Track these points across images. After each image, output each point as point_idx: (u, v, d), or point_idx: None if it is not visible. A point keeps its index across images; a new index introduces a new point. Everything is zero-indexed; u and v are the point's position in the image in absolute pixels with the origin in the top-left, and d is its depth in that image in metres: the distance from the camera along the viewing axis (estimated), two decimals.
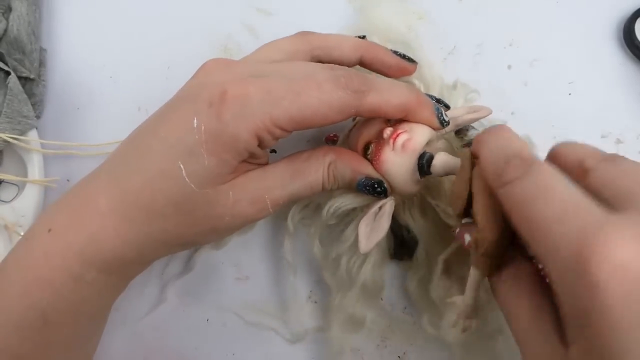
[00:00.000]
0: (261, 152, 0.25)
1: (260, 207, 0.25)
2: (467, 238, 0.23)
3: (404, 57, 0.30)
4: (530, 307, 0.20)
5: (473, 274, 0.24)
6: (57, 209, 0.25)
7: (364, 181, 0.26)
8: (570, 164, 0.21)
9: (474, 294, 0.24)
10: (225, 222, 0.25)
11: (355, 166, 0.26)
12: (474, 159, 0.24)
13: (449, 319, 0.25)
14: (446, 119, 0.27)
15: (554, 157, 0.23)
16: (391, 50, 0.30)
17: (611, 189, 0.18)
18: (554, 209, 0.17)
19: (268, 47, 0.28)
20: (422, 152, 0.26)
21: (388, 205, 0.27)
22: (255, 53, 0.28)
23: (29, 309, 0.23)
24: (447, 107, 0.29)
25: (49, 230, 0.24)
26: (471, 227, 0.23)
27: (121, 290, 0.27)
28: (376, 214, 0.27)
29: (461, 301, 0.25)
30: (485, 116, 0.29)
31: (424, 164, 0.26)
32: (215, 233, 0.26)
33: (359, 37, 0.32)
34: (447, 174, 0.26)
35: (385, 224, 0.27)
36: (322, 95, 0.23)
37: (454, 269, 0.29)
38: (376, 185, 0.26)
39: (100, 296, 0.25)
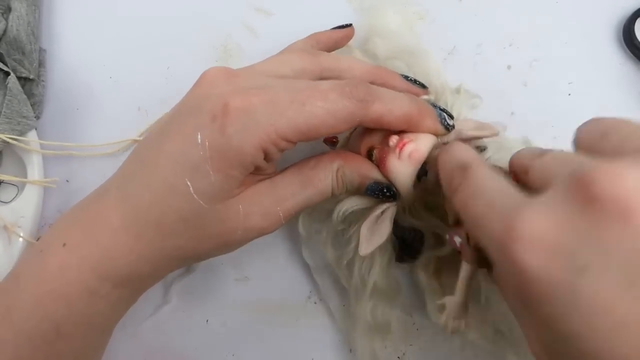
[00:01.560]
0: (267, 164, 0.25)
1: (273, 220, 0.25)
2: (458, 240, 0.24)
3: (415, 82, 0.30)
4: None
5: (464, 269, 0.24)
6: (71, 223, 0.25)
7: (372, 186, 0.26)
8: (518, 169, 0.23)
9: (465, 291, 0.24)
10: (238, 235, 0.25)
11: (363, 171, 0.26)
12: None
13: (440, 320, 0.26)
14: (450, 123, 0.27)
15: (510, 167, 0.24)
16: (402, 75, 0.30)
17: (540, 177, 0.20)
18: (484, 203, 0.19)
19: (275, 61, 0.27)
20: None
21: (390, 209, 0.27)
22: (262, 64, 0.27)
23: (43, 320, 0.23)
24: (451, 117, 0.29)
25: (64, 245, 0.24)
26: (459, 229, 0.24)
27: (133, 303, 0.27)
28: (378, 217, 0.27)
29: (451, 301, 0.25)
30: (490, 136, 0.29)
31: (422, 173, 0.26)
32: (229, 246, 0.26)
33: (345, 25, 0.31)
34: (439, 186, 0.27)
35: (386, 228, 0.27)
36: (328, 104, 0.23)
37: (445, 271, 0.30)
38: (385, 190, 0.26)
39: (113, 309, 0.25)
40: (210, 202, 0.23)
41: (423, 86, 0.30)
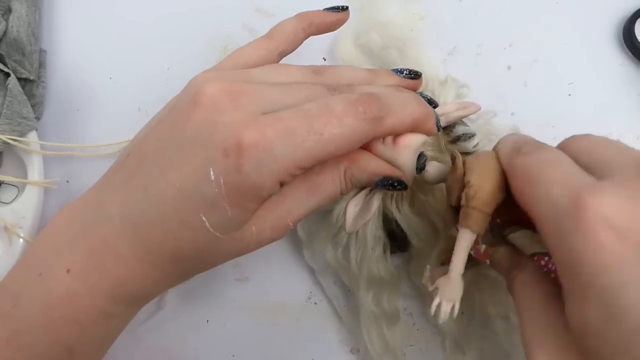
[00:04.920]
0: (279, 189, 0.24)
1: (283, 230, 0.25)
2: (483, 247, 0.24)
3: (409, 74, 0.30)
4: (540, 298, 0.22)
5: (462, 236, 0.24)
6: (70, 246, 0.24)
7: (382, 181, 0.26)
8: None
9: (462, 259, 0.24)
10: (250, 249, 0.25)
11: (371, 170, 0.26)
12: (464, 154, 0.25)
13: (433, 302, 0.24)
14: (440, 124, 0.27)
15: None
16: (396, 70, 0.30)
17: (587, 158, 0.21)
18: (558, 173, 0.20)
19: (278, 72, 0.27)
20: (420, 151, 0.27)
21: (379, 191, 0.27)
22: (264, 73, 0.26)
23: (55, 345, 0.23)
24: (437, 105, 0.29)
25: (68, 271, 0.23)
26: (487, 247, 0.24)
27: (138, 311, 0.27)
28: (366, 195, 0.27)
29: (444, 280, 0.24)
30: (474, 112, 0.29)
31: (420, 167, 0.27)
32: (240, 255, 0.26)
33: (340, 8, 0.30)
34: (438, 182, 0.27)
35: (373, 206, 0.27)
36: (344, 130, 0.23)
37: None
38: (396, 184, 0.26)
39: (125, 323, 0.26)
40: (226, 233, 0.23)
41: (417, 74, 0.30)
